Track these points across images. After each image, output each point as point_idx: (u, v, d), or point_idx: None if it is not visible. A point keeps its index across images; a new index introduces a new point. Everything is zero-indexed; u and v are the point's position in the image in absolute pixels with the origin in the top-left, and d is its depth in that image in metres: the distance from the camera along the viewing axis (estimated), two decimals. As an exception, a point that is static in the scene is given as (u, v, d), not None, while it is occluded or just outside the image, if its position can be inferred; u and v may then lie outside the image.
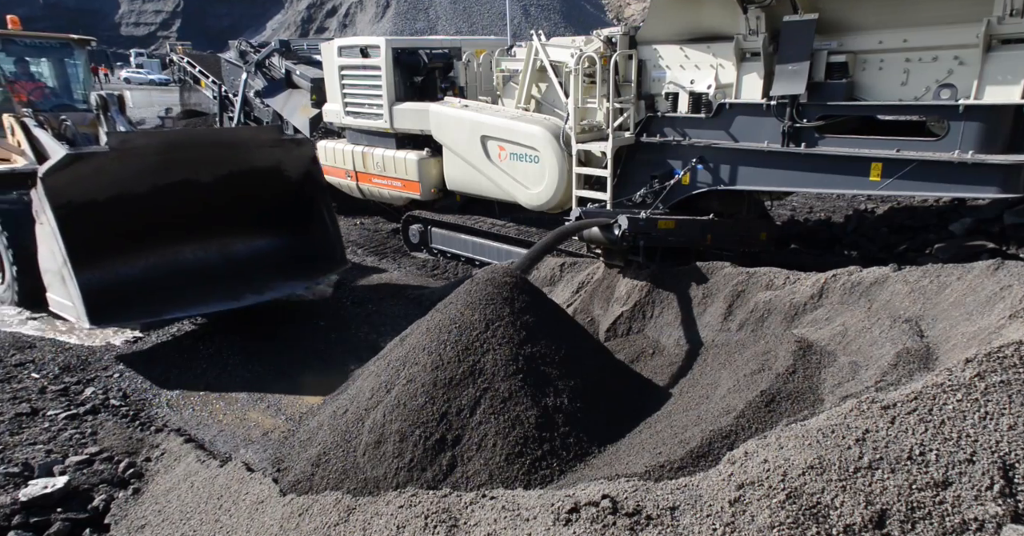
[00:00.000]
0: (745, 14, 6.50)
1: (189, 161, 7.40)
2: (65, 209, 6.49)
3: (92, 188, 6.86)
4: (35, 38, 10.41)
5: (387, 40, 10.15)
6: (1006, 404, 3.14)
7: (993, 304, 4.72)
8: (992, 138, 5.70)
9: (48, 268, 6.97)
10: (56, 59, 10.70)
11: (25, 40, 10.26)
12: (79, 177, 6.71)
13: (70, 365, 7.41)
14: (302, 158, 8.40)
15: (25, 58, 10.43)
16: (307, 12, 55.16)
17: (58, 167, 6.53)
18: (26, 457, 5.43)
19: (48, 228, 6.51)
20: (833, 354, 5.19)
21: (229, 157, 7.72)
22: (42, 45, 10.51)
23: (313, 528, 3.84)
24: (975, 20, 5.50)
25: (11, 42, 10.18)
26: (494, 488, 3.79)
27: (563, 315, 6.21)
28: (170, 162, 7.23)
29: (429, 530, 3.39)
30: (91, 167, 6.79)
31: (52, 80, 10.82)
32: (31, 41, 10.32)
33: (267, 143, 7.99)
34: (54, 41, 10.56)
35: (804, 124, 6.47)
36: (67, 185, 6.60)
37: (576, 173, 7.97)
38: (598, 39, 7.73)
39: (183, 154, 7.33)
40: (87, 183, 6.79)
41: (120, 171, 6.95)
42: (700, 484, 3.10)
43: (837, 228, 9.92)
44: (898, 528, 2.71)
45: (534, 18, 44.78)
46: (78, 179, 6.70)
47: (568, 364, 5.39)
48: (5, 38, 10.10)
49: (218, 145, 7.81)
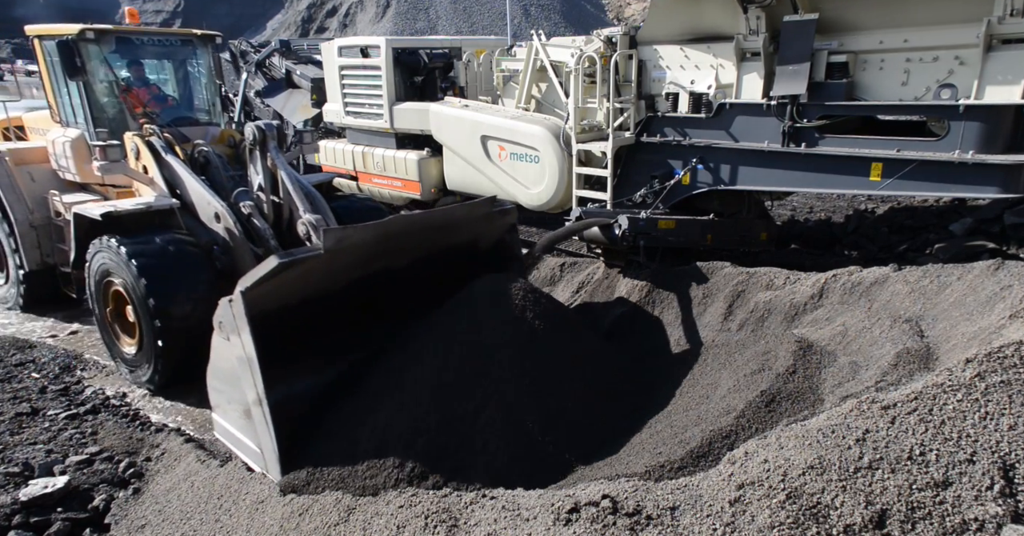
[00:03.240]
0: (745, 14, 6.50)
1: (392, 250, 5.89)
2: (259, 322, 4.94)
3: (288, 294, 5.40)
4: (154, 35, 8.41)
5: (387, 40, 10.14)
6: (1006, 404, 3.14)
7: (993, 304, 4.72)
8: (992, 138, 5.70)
9: (222, 389, 5.38)
10: (176, 61, 8.75)
11: (143, 38, 8.22)
12: (281, 284, 5.19)
13: (70, 365, 7.42)
14: (500, 228, 6.91)
15: (141, 60, 8.48)
16: (307, 12, 55.12)
17: (265, 279, 5.00)
18: (26, 457, 5.43)
19: (239, 350, 4.97)
20: (833, 354, 5.19)
21: (430, 238, 6.19)
22: (161, 44, 8.48)
23: (313, 528, 3.84)
24: (975, 20, 5.50)
25: (127, 41, 8.07)
26: (495, 488, 3.78)
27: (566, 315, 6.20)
28: (374, 254, 5.80)
29: (429, 530, 3.39)
30: (297, 272, 5.26)
31: (171, 87, 8.88)
32: (149, 39, 8.30)
33: (477, 219, 6.52)
34: (175, 38, 8.57)
35: (804, 124, 6.47)
36: (266, 295, 5.11)
37: (576, 173, 7.97)
38: (598, 39, 7.73)
39: (392, 244, 5.82)
40: (286, 290, 5.33)
41: (322, 271, 5.52)
42: (700, 484, 3.10)
43: (837, 228, 9.91)
44: (898, 528, 2.71)
45: (534, 18, 44.76)
46: (280, 287, 5.19)
47: (572, 366, 5.38)
48: (121, 37, 8.00)
49: (428, 229, 6.14)
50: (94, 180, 7.87)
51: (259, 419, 4.99)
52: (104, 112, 7.96)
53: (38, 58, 8.29)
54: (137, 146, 7.40)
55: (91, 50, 7.67)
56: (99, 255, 6.72)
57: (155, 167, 7.27)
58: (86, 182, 8.11)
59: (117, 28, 8.02)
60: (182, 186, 7.15)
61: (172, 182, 7.23)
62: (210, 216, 6.91)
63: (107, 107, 8.01)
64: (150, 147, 7.34)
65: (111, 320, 7.05)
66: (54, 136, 8.25)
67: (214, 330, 5.17)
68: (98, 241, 6.67)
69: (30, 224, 8.30)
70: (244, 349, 4.97)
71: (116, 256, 6.42)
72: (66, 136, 8.04)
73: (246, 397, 5.05)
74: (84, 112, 7.87)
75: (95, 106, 7.86)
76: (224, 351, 5.22)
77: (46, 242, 8.40)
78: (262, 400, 4.90)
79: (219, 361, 5.32)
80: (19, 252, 8.35)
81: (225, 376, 5.29)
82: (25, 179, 8.34)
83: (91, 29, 7.58)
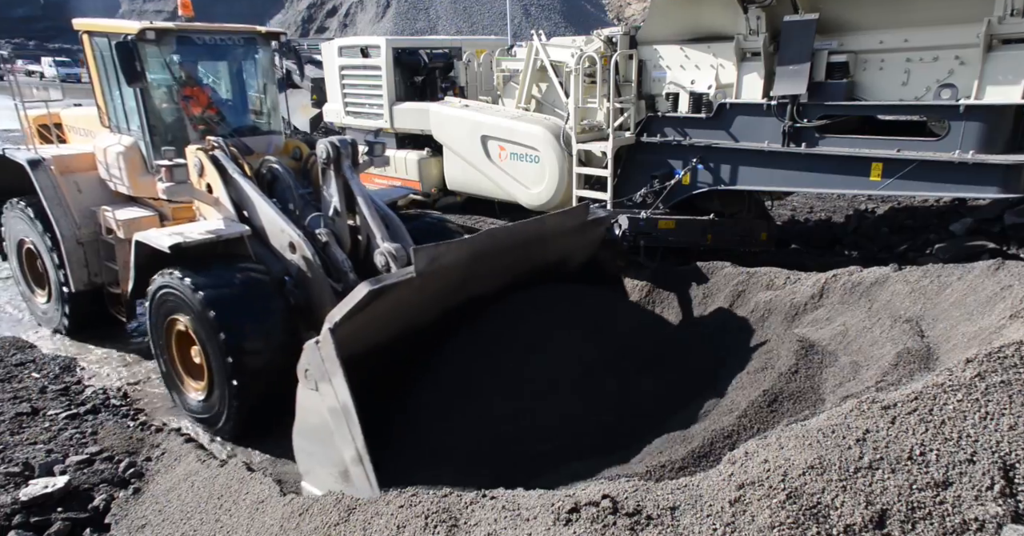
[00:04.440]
0: (745, 14, 6.50)
1: (479, 275, 5.33)
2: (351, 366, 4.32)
3: (378, 331, 4.81)
4: (216, 34, 7.20)
5: (387, 40, 10.14)
6: (1006, 404, 3.14)
7: (994, 304, 4.72)
8: (993, 138, 5.70)
9: (312, 450, 4.61)
10: (237, 62, 7.69)
11: (204, 37, 7.08)
12: (371, 319, 4.59)
13: (70, 365, 7.42)
14: (592, 243, 6.37)
15: (202, 61, 7.48)
16: (307, 12, 55.15)
17: (356, 311, 4.39)
18: (26, 457, 5.43)
19: (331, 400, 4.31)
20: (834, 354, 5.19)
21: (518, 260, 5.64)
22: (223, 43, 7.29)
23: (313, 528, 3.84)
24: (976, 20, 5.50)
25: (188, 41, 6.99)
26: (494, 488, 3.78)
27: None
28: (463, 280, 5.24)
29: (429, 530, 3.39)
30: (387, 305, 4.65)
31: (232, 91, 7.79)
32: (211, 39, 7.14)
33: (568, 232, 5.93)
34: (238, 37, 7.37)
35: (804, 124, 6.47)
36: (356, 334, 4.50)
37: (576, 173, 7.97)
38: (598, 39, 7.73)
39: (480, 267, 5.24)
40: (375, 326, 4.73)
41: (413, 302, 4.93)
42: (700, 484, 3.10)
43: (837, 228, 9.91)
44: (898, 528, 2.71)
45: (534, 18, 44.77)
46: (369, 323, 4.61)
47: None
48: (181, 35, 6.94)
49: (518, 246, 5.55)
50: (148, 194, 7.10)
51: (360, 480, 4.25)
52: (161, 119, 7.12)
53: (86, 55, 7.44)
54: (201, 161, 6.54)
55: (151, 51, 6.80)
56: (163, 291, 5.97)
57: (221, 186, 6.46)
58: (139, 196, 7.34)
59: (180, 26, 7.01)
60: (251, 208, 6.37)
61: (239, 203, 6.45)
62: (284, 245, 6.18)
63: (165, 114, 7.16)
64: (215, 162, 6.51)
65: (175, 363, 6.33)
66: (104, 143, 7.40)
67: (299, 382, 4.54)
68: (160, 276, 5.95)
69: (77, 241, 7.43)
70: (337, 397, 4.29)
71: (181, 289, 5.72)
72: (119, 145, 7.20)
73: (342, 456, 4.33)
74: (140, 119, 6.99)
75: (152, 112, 6.99)
76: (313, 404, 4.52)
77: (94, 260, 7.53)
78: (363, 457, 4.17)
79: (307, 417, 4.60)
80: (65, 270, 7.50)
81: (315, 434, 4.56)
82: (71, 190, 7.47)
83: (151, 28, 6.70)
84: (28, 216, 7.59)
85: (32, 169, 7.31)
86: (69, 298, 7.67)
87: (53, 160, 7.47)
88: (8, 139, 22.90)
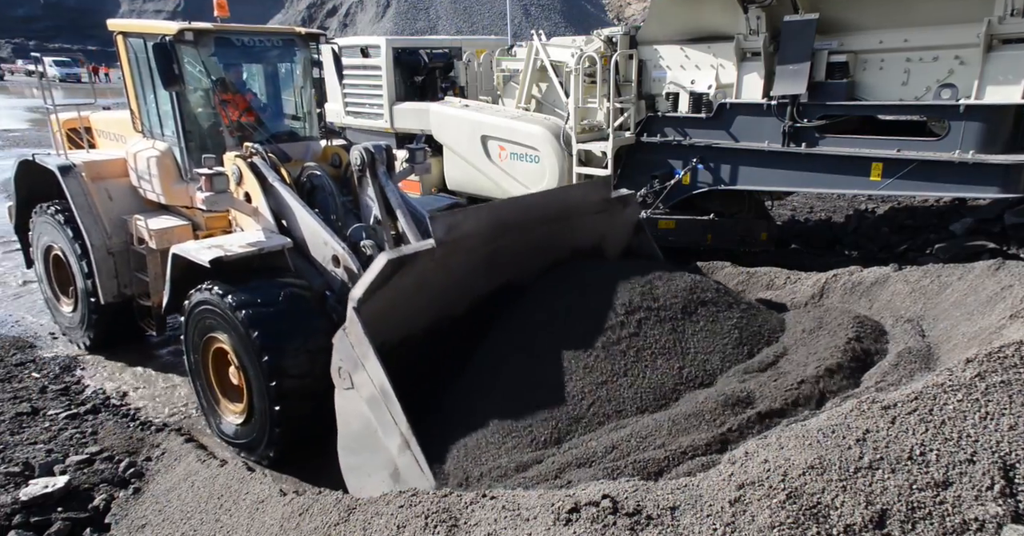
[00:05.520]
0: (746, 14, 6.50)
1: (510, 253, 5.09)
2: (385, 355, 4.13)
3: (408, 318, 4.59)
4: (256, 35, 6.91)
5: (387, 40, 10.15)
6: (1007, 404, 3.14)
7: (994, 304, 4.72)
8: (993, 138, 5.70)
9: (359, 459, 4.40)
10: (275, 64, 7.36)
11: (243, 39, 6.77)
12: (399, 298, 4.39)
13: (70, 365, 7.42)
14: (624, 227, 6.03)
15: (239, 64, 7.14)
16: (307, 12, 55.17)
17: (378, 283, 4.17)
18: (27, 456, 5.43)
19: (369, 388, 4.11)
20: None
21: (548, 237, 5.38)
22: (262, 45, 6.99)
23: (313, 528, 3.83)
24: (976, 20, 5.50)
25: (226, 43, 6.67)
26: (494, 488, 3.78)
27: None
28: (493, 256, 5.01)
29: (429, 530, 3.38)
30: (412, 279, 4.44)
31: (269, 95, 7.46)
32: (250, 40, 6.84)
33: (596, 208, 5.67)
34: (277, 39, 7.07)
35: (805, 124, 6.47)
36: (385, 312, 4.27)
37: (576, 173, 7.98)
38: (599, 39, 7.74)
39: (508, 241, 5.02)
40: (403, 310, 4.52)
41: (438, 278, 4.69)
42: (700, 484, 3.10)
43: (838, 228, 9.92)
44: (898, 528, 2.71)
45: (534, 18, 44.76)
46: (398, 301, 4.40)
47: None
48: (220, 36, 6.63)
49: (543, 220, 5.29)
50: (181, 202, 6.92)
51: (411, 468, 3.99)
52: (198, 125, 6.83)
53: (120, 57, 7.14)
54: (239, 169, 6.24)
55: (188, 53, 6.53)
56: (200, 308, 5.65)
57: (260, 195, 6.16)
58: (171, 204, 7.07)
59: (219, 27, 6.68)
60: (291, 219, 6.04)
61: (278, 212, 6.13)
62: (327, 258, 5.82)
63: (201, 119, 6.86)
64: (254, 170, 6.19)
65: (212, 383, 6.02)
66: (136, 148, 7.11)
67: (335, 387, 4.36)
68: (198, 292, 5.65)
69: (107, 250, 7.11)
70: (373, 382, 4.06)
71: (222, 307, 5.41)
72: (152, 150, 6.93)
73: (390, 450, 4.08)
74: (175, 124, 6.71)
75: (188, 118, 6.72)
76: (352, 405, 4.29)
77: (124, 271, 7.20)
78: (409, 441, 3.94)
79: (349, 423, 4.37)
80: (94, 281, 7.19)
81: (359, 440, 4.31)
82: (102, 197, 7.18)
83: (190, 29, 6.41)
84: (58, 222, 7.32)
85: (63, 175, 7.02)
86: (96, 309, 7.36)
87: (84, 166, 7.19)
88: (9, 139, 22.94)
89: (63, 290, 8.06)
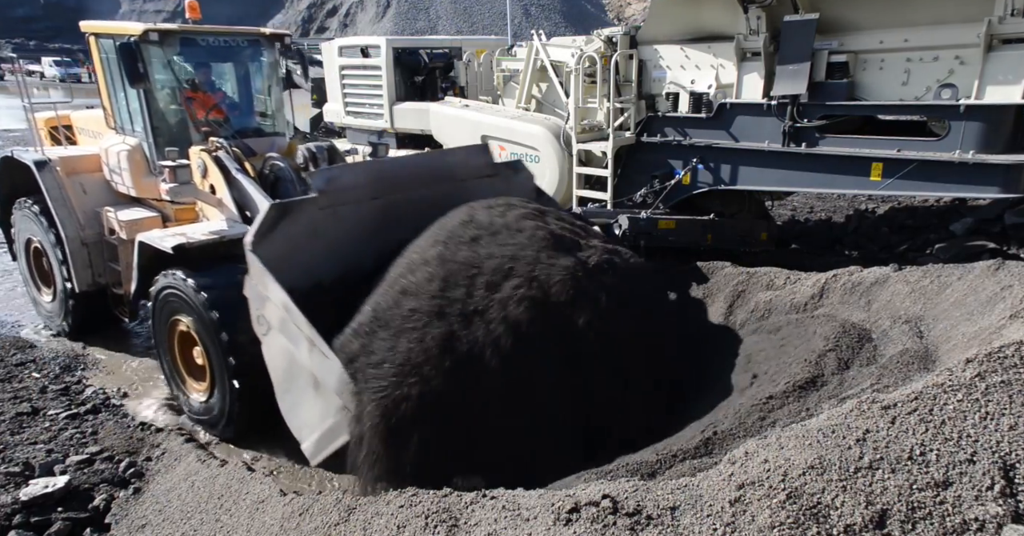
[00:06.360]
0: (746, 14, 6.50)
1: (405, 210, 5.39)
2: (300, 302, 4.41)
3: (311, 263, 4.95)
4: (221, 35, 7.33)
5: (388, 40, 10.15)
6: (1007, 404, 3.14)
7: (994, 304, 4.72)
8: (993, 138, 5.70)
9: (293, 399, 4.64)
10: (241, 63, 7.76)
11: (208, 39, 7.19)
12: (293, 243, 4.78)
13: (71, 365, 7.42)
14: (524, 191, 6.20)
15: (205, 63, 7.50)
16: (308, 12, 55.19)
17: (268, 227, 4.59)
18: (27, 456, 5.43)
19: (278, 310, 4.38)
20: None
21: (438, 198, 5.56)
22: (228, 44, 7.40)
23: (313, 528, 3.84)
24: (976, 20, 5.50)
25: (192, 42, 7.10)
26: (494, 488, 3.78)
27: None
28: (389, 214, 5.35)
29: (429, 530, 3.39)
30: (303, 227, 4.86)
31: (236, 92, 7.88)
32: (215, 40, 7.26)
33: (479, 171, 5.98)
34: (242, 39, 7.48)
35: (805, 124, 6.47)
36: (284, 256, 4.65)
37: (577, 173, 7.98)
38: (599, 39, 7.74)
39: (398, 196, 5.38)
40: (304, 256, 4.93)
41: (331, 228, 5.09)
42: (700, 484, 3.10)
43: (838, 228, 9.91)
44: (898, 528, 2.71)
45: (534, 18, 44.77)
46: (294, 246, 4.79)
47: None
48: (186, 37, 7.06)
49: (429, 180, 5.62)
50: (151, 195, 7.19)
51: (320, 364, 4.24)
52: (165, 121, 7.19)
53: (93, 57, 7.50)
54: (204, 163, 6.55)
55: (154, 53, 6.88)
56: (165, 292, 5.99)
57: (224, 186, 6.46)
58: (142, 196, 7.37)
59: (184, 28, 7.12)
60: (253, 209, 6.30)
61: (242, 203, 6.41)
62: None
63: (169, 115, 7.23)
64: (219, 164, 6.51)
65: (178, 363, 6.36)
66: (108, 144, 7.48)
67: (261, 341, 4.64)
68: (163, 276, 5.98)
69: (81, 241, 7.48)
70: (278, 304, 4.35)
71: (184, 290, 5.74)
72: (123, 145, 7.26)
73: (304, 362, 4.34)
74: (143, 120, 7.08)
75: (156, 114, 7.08)
76: (273, 344, 4.57)
77: (98, 261, 7.57)
78: (313, 339, 4.22)
79: (276, 364, 4.64)
80: (70, 271, 7.55)
81: (285, 373, 4.57)
82: (76, 191, 7.53)
83: (155, 29, 6.82)
84: (35, 215, 7.66)
85: (38, 170, 7.36)
86: (72, 297, 7.70)
87: (59, 161, 7.52)
88: (9, 139, 22.93)
89: (43, 281, 8.39)
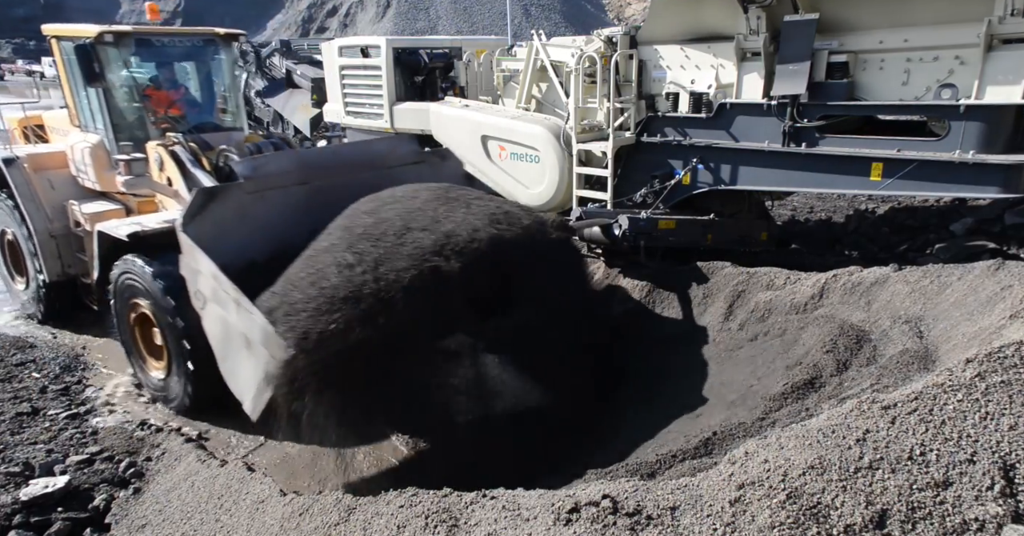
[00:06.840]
0: (746, 14, 6.49)
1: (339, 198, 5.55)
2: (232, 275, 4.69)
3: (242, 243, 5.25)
4: (175, 36, 7.79)
5: (388, 40, 10.13)
6: (1007, 404, 3.14)
7: (994, 304, 4.72)
8: (993, 138, 5.69)
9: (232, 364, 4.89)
10: (198, 62, 8.22)
11: (163, 39, 7.61)
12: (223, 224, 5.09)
13: (71, 365, 7.42)
14: (454, 177, 6.53)
15: (162, 62, 7.94)
16: (308, 12, 55.16)
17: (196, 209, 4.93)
18: (27, 456, 5.43)
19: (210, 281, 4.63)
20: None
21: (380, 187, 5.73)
22: (183, 44, 7.84)
23: (313, 528, 3.84)
24: (976, 20, 5.49)
25: (147, 43, 7.50)
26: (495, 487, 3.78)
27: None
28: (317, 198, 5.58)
29: (429, 530, 3.39)
30: (231, 210, 5.20)
31: (193, 90, 8.35)
32: (170, 40, 7.67)
33: (406, 158, 6.31)
34: (197, 39, 7.91)
35: (805, 124, 6.46)
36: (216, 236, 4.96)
37: (577, 173, 7.97)
38: (599, 39, 7.73)
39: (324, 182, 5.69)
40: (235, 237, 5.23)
41: (260, 211, 5.41)
42: (700, 484, 3.10)
43: (838, 228, 9.91)
44: (898, 528, 2.71)
45: (534, 18, 44.77)
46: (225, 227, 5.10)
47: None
48: (141, 38, 7.46)
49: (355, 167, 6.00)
50: (114, 188, 7.52)
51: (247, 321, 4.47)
52: (124, 118, 7.57)
53: (56, 58, 7.93)
54: (161, 157, 6.92)
55: (110, 53, 7.23)
56: (124, 276, 6.33)
57: (180, 179, 6.81)
58: (106, 190, 7.74)
59: (137, 29, 7.49)
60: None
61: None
62: None
63: (127, 113, 7.62)
64: (174, 157, 6.88)
65: (138, 343, 6.71)
66: (73, 141, 7.90)
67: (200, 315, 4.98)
68: (122, 261, 6.30)
69: (50, 234, 7.90)
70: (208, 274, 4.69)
71: (142, 276, 6.07)
72: (85, 142, 7.65)
73: (235, 323, 4.56)
74: (104, 118, 7.49)
75: (115, 112, 7.48)
76: (209, 315, 4.86)
77: (66, 252, 7.98)
78: (239, 300, 4.47)
79: (213, 333, 4.89)
80: (40, 262, 7.98)
81: (222, 339, 4.80)
82: (44, 186, 7.94)
83: (110, 31, 7.16)
84: (9, 208, 8.05)
85: (6, 167, 7.82)
86: (44, 287, 8.18)
87: (27, 158, 7.95)
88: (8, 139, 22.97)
89: (18, 271, 8.92)
